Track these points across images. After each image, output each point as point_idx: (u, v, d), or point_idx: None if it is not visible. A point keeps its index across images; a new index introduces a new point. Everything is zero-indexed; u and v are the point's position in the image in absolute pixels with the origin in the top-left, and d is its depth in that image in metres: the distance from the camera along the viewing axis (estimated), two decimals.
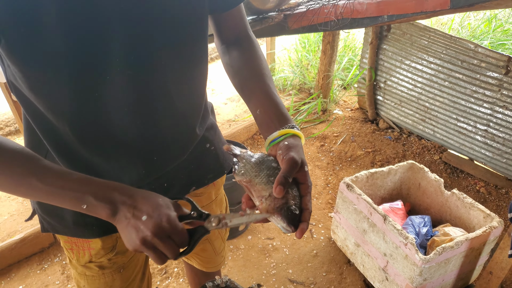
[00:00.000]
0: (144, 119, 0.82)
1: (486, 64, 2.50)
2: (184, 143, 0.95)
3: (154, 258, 0.70)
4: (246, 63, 0.91)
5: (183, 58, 0.82)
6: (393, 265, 1.81)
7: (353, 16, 1.73)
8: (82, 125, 0.78)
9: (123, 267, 1.05)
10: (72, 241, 0.98)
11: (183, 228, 0.72)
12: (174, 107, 0.85)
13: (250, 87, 0.87)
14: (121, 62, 0.72)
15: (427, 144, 3.09)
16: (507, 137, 2.55)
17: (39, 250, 2.24)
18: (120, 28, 0.69)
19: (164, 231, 0.69)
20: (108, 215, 0.70)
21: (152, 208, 0.70)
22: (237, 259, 2.21)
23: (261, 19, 1.92)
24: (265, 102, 0.83)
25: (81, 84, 0.72)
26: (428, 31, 2.74)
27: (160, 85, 0.80)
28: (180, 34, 0.78)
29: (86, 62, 0.69)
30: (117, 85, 0.74)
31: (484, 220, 1.89)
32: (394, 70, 3.10)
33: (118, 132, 0.81)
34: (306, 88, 3.91)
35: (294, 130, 0.78)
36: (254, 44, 0.94)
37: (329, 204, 2.62)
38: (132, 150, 0.85)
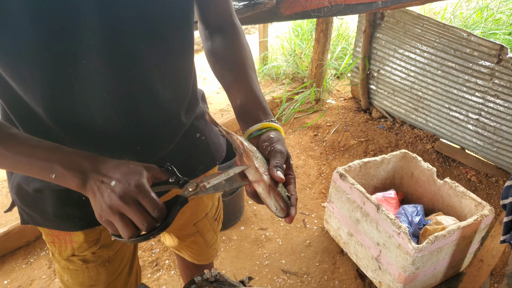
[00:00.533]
0: (125, 107, 0.78)
1: (478, 53, 2.49)
2: (169, 132, 0.91)
3: (122, 226, 0.62)
4: (229, 51, 0.88)
5: (166, 48, 0.79)
6: (386, 255, 1.81)
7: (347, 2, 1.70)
8: (58, 112, 0.75)
9: (109, 260, 1.02)
10: (53, 234, 0.95)
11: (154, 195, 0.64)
12: (157, 94, 0.82)
13: (231, 76, 0.85)
14: (97, 47, 0.69)
15: (420, 134, 3.09)
16: (497, 126, 2.56)
17: (24, 244, 2.20)
18: (94, 13, 0.66)
19: (131, 195, 0.62)
20: (78, 185, 0.66)
21: (121, 174, 0.64)
22: (229, 250, 2.20)
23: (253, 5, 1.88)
24: (247, 93, 0.81)
25: (55, 70, 0.68)
26: (421, 19, 2.72)
27: (141, 72, 0.77)
28: (162, 24, 0.75)
29: (58, 46, 0.66)
30: (93, 71, 0.70)
31: (475, 209, 1.90)
32: (387, 59, 3.08)
33: (97, 119, 0.77)
34: (299, 77, 3.88)
35: (275, 125, 0.78)
36: (238, 31, 0.92)
37: (322, 194, 2.62)
38: (113, 139, 0.82)
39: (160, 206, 0.64)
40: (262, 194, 0.69)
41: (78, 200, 0.87)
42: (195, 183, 0.69)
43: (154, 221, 0.63)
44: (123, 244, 1.05)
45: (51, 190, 0.86)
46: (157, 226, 0.64)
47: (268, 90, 3.69)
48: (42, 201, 0.88)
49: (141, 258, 2.15)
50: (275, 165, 0.70)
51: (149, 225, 0.63)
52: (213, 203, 1.22)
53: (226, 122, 3.12)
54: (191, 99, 0.95)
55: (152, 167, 0.70)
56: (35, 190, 0.86)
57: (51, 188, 0.85)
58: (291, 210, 0.69)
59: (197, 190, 0.69)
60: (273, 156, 0.71)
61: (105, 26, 0.68)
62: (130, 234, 0.63)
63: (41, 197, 0.87)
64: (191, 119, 0.98)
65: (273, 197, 0.68)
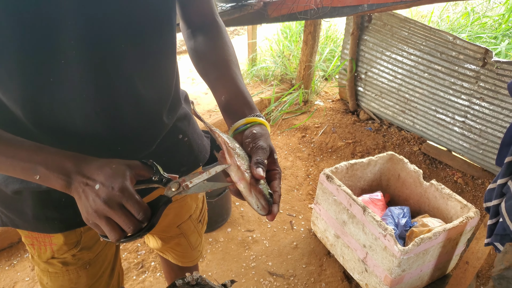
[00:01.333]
0: (105, 107, 0.76)
1: (464, 56, 2.51)
2: (150, 133, 0.90)
3: (108, 230, 0.64)
4: (211, 48, 0.88)
5: (148, 48, 0.78)
6: (372, 257, 1.81)
7: (333, 5, 1.70)
8: (37, 112, 0.73)
9: (89, 263, 1.00)
10: (32, 236, 0.93)
11: (138, 197, 0.65)
12: (138, 94, 0.80)
13: (215, 73, 0.84)
14: (76, 47, 0.67)
15: (407, 135, 3.11)
16: (483, 129, 2.58)
17: (7, 245, 2.16)
18: (74, 13, 0.65)
19: (115, 199, 0.63)
20: (62, 186, 0.66)
21: (105, 176, 0.64)
22: (216, 252, 2.18)
23: (240, 6, 1.87)
24: (231, 89, 0.81)
25: (33, 69, 0.67)
26: (408, 22, 2.74)
27: (121, 72, 0.75)
28: (143, 25, 0.74)
29: (37, 45, 0.64)
30: (73, 71, 0.69)
31: (461, 211, 1.91)
32: (374, 61, 3.10)
33: (76, 120, 0.76)
34: (288, 78, 3.88)
35: (260, 119, 0.77)
36: (220, 29, 0.91)
37: (309, 195, 2.61)
38: (93, 140, 0.80)
39: (144, 208, 0.64)
40: (243, 192, 0.68)
41: (58, 202, 0.86)
42: (177, 182, 0.69)
43: (140, 223, 0.65)
44: (104, 247, 1.03)
45: (30, 192, 0.85)
46: (143, 227, 0.65)
47: (256, 91, 3.68)
48: (21, 203, 0.86)
49: (127, 260, 2.12)
50: (256, 161, 0.69)
51: (135, 227, 0.64)
52: (197, 204, 1.21)
53: (214, 123, 3.10)
54: (173, 100, 0.94)
55: (135, 165, 0.69)
56: (14, 192, 0.84)
57: (30, 190, 0.84)
58: (273, 207, 0.68)
59: (180, 189, 0.69)
60: (255, 153, 0.71)
61: (84, 26, 0.67)
62: (117, 237, 0.64)
63: (20, 198, 0.86)
64: (173, 120, 0.97)
65: (254, 195, 0.67)
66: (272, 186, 0.71)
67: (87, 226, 0.93)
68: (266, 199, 0.67)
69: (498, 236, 1.30)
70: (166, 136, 0.95)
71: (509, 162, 1.30)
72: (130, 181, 0.66)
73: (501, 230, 1.29)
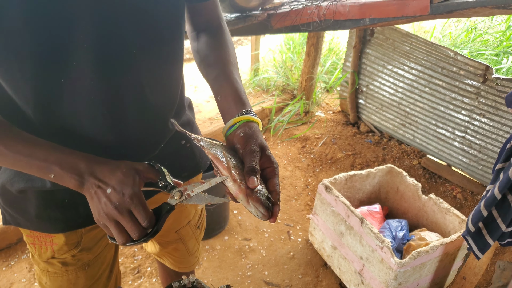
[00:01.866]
0: (112, 110, 0.78)
1: (465, 72, 2.53)
2: (155, 137, 0.91)
3: (116, 233, 0.68)
4: (212, 49, 0.90)
5: (158, 54, 0.80)
6: (369, 269, 1.81)
7: (336, 18, 1.73)
8: (47, 112, 0.75)
9: (88, 264, 1.01)
10: (34, 236, 0.94)
11: (146, 205, 0.69)
12: (145, 99, 0.82)
13: (214, 73, 0.86)
14: (89, 50, 0.69)
15: (407, 149, 3.12)
16: (483, 144, 2.59)
17: (5, 246, 2.16)
18: (88, 17, 0.67)
19: (124, 205, 0.67)
20: (75, 186, 0.70)
21: (116, 181, 0.68)
22: (212, 260, 2.18)
23: (244, 17, 1.90)
24: (226, 88, 0.82)
25: (46, 70, 0.69)
26: (410, 37, 2.77)
27: (131, 76, 0.77)
28: (155, 30, 0.77)
29: (51, 47, 0.66)
30: (84, 73, 0.71)
31: (459, 225, 1.91)
32: (376, 75, 3.12)
33: (83, 121, 0.77)
34: (289, 89, 3.90)
35: (248, 116, 0.77)
36: (223, 31, 0.94)
37: (307, 206, 2.62)
38: (99, 142, 0.81)
39: (150, 215, 0.69)
40: (242, 203, 0.70)
41: (61, 202, 0.87)
42: (180, 191, 0.72)
43: (144, 230, 0.69)
44: (103, 249, 1.05)
45: (34, 192, 0.86)
46: (148, 233, 0.70)
47: (258, 101, 3.70)
48: (24, 202, 0.88)
49: (123, 265, 2.11)
50: (248, 170, 0.69)
51: (140, 234, 0.69)
52: (196, 210, 1.22)
53: (215, 131, 3.12)
54: (178, 106, 0.96)
55: (144, 168, 0.73)
56: (19, 191, 0.86)
57: (34, 190, 0.85)
58: (274, 209, 0.69)
59: (182, 198, 0.72)
60: (245, 159, 0.71)
61: (97, 30, 0.69)
62: (124, 240, 0.69)
63: (24, 198, 0.87)
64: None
65: (252, 205, 0.68)
66: (270, 186, 0.71)
67: (88, 227, 0.95)
68: (265, 206, 0.68)
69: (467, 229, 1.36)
70: (169, 142, 0.96)
71: (499, 169, 1.33)
72: (139, 187, 0.70)
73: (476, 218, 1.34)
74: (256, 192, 0.69)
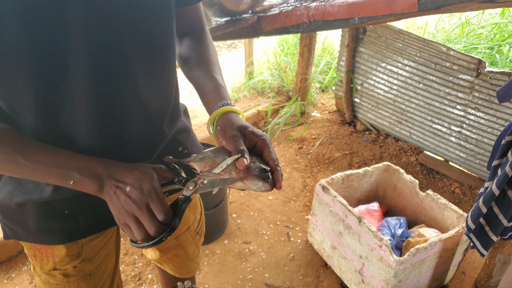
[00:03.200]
0: (110, 114, 0.79)
1: (458, 66, 2.54)
2: (151, 142, 0.92)
3: (135, 228, 0.69)
4: (194, 51, 0.93)
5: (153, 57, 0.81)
6: (368, 267, 1.80)
7: (325, 18, 1.73)
8: (46, 117, 0.76)
9: (90, 274, 1.01)
10: (35, 248, 0.95)
11: (163, 198, 0.70)
12: (141, 103, 0.83)
13: (196, 74, 0.89)
14: (86, 55, 0.70)
15: (404, 146, 3.12)
16: (479, 138, 2.59)
17: (6, 259, 2.16)
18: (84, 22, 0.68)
19: (143, 200, 0.68)
20: (95, 190, 0.71)
21: (135, 179, 0.70)
22: (212, 264, 2.18)
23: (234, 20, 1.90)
24: (207, 86, 0.85)
25: (44, 76, 0.70)
26: (402, 34, 2.77)
27: (128, 80, 0.78)
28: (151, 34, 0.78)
29: (48, 53, 0.68)
30: (82, 78, 0.72)
31: (457, 221, 1.91)
32: (370, 73, 3.12)
33: (82, 125, 0.78)
34: (285, 91, 3.91)
35: (223, 108, 0.79)
36: (205, 33, 0.96)
37: (306, 207, 2.61)
38: (96, 146, 0.82)
39: (166, 208, 0.70)
40: (242, 187, 0.70)
41: (60, 214, 0.88)
42: (194, 181, 0.73)
43: (162, 224, 0.70)
44: (104, 258, 1.05)
45: (33, 204, 0.87)
46: (166, 229, 0.70)
47: (253, 104, 3.70)
48: (24, 215, 0.88)
49: (124, 273, 2.11)
50: (235, 151, 0.70)
51: (157, 229, 0.69)
52: (195, 216, 1.22)
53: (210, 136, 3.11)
54: (173, 110, 0.97)
55: (160, 168, 0.76)
56: (18, 205, 0.86)
57: (33, 202, 0.86)
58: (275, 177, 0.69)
59: (196, 187, 0.72)
60: (229, 146, 0.73)
61: (93, 36, 0.70)
62: (143, 236, 0.69)
63: (24, 211, 0.88)
64: (173, 130, 0.99)
65: (250, 184, 0.69)
66: (265, 156, 0.72)
67: (88, 237, 0.96)
68: (262, 178, 0.68)
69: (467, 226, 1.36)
70: (166, 148, 0.97)
71: (495, 166, 1.33)
72: (157, 182, 0.71)
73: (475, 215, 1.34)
74: (250, 170, 0.69)
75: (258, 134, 0.74)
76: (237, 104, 3.75)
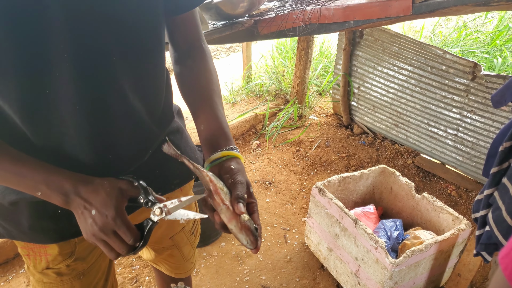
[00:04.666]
0: (97, 117, 0.79)
1: (454, 70, 2.56)
2: (142, 144, 0.92)
3: (106, 251, 0.74)
4: (195, 76, 0.92)
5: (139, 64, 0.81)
6: (364, 269, 1.81)
7: (321, 22, 1.75)
8: (34, 123, 0.76)
9: (83, 273, 1.02)
10: (28, 247, 0.95)
11: (129, 224, 0.73)
12: (129, 106, 0.83)
13: (196, 101, 0.89)
14: (70, 60, 0.70)
15: (400, 149, 3.14)
16: (475, 141, 2.61)
17: (3, 261, 2.16)
18: (66, 27, 0.68)
19: (109, 227, 0.72)
20: (62, 204, 0.74)
21: (100, 203, 0.72)
22: (209, 267, 2.18)
23: (231, 24, 1.92)
24: (210, 120, 0.85)
25: (29, 82, 0.70)
26: (399, 37, 2.79)
27: (113, 83, 0.78)
28: (134, 42, 0.78)
29: (32, 59, 0.67)
30: (67, 83, 0.72)
31: (453, 223, 1.92)
32: (367, 76, 3.14)
33: (70, 129, 0.78)
34: (282, 94, 3.92)
35: (235, 152, 0.81)
36: (206, 56, 0.95)
37: (303, 209, 2.62)
38: (86, 149, 0.82)
39: (134, 234, 0.73)
40: (233, 229, 0.72)
41: (53, 213, 0.88)
42: (160, 208, 0.75)
43: (131, 246, 0.74)
44: (98, 257, 1.05)
45: (26, 203, 0.87)
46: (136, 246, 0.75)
47: (251, 107, 3.72)
48: (17, 214, 0.88)
49: (121, 275, 2.11)
50: (236, 196, 0.73)
51: (127, 250, 0.74)
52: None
53: None
54: (164, 110, 0.96)
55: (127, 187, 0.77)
56: (11, 203, 0.86)
57: (26, 201, 0.86)
58: (258, 242, 0.73)
59: (162, 215, 0.75)
60: (234, 188, 0.75)
61: (76, 39, 0.69)
62: (114, 256, 0.74)
63: (17, 210, 0.88)
64: (165, 130, 0.99)
65: (244, 233, 0.71)
66: (253, 219, 0.75)
67: (81, 237, 0.96)
68: (254, 234, 0.71)
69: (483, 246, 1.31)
70: (158, 150, 0.97)
71: (495, 173, 1.32)
72: (122, 207, 0.74)
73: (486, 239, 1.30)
74: (247, 220, 0.72)
75: (254, 197, 0.78)
76: (235, 107, 3.77)
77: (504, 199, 1.25)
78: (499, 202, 1.27)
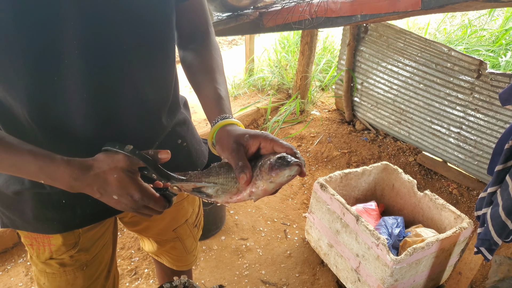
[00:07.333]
0: (105, 106, 0.78)
1: (459, 67, 2.54)
2: (149, 133, 0.91)
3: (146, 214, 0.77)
4: (198, 58, 0.91)
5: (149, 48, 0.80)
6: (365, 266, 1.80)
7: (327, 15, 1.72)
8: (41, 110, 0.75)
9: (86, 264, 1.02)
10: (32, 237, 0.95)
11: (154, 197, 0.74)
12: (138, 94, 0.82)
13: (199, 80, 0.88)
14: (79, 47, 0.69)
15: (403, 146, 3.12)
16: (478, 140, 2.59)
17: (2, 251, 2.16)
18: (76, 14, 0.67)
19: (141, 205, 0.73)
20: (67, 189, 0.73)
21: (116, 188, 0.71)
22: (209, 260, 2.17)
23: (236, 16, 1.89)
24: (208, 95, 0.85)
25: (38, 69, 0.69)
26: (404, 33, 2.77)
27: (122, 71, 0.77)
28: (145, 25, 0.76)
29: (41, 46, 0.67)
30: (76, 70, 0.71)
31: (455, 221, 1.91)
32: (370, 72, 3.12)
33: (77, 118, 0.77)
34: (285, 88, 3.90)
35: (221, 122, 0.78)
36: (210, 38, 0.94)
37: (304, 205, 2.61)
38: (93, 138, 0.81)
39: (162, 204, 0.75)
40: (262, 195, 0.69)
41: (58, 203, 0.88)
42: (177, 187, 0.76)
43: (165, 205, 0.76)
44: (101, 249, 1.06)
45: (30, 193, 0.87)
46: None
47: (253, 101, 3.70)
48: (21, 204, 0.88)
49: (120, 267, 2.11)
50: (236, 168, 0.69)
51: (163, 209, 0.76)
52: (194, 209, 1.22)
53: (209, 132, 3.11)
54: (172, 102, 0.96)
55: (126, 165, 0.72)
56: (15, 193, 0.86)
57: (31, 191, 0.86)
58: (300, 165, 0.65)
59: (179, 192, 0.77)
60: (230, 161, 0.72)
61: (86, 27, 0.69)
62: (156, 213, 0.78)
63: (21, 199, 0.88)
64: (172, 123, 0.98)
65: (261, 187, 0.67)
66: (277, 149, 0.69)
67: (85, 227, 0.97)
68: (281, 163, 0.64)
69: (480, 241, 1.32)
70: (165, 141, 0.96)
71: (499, 171, 1.31)
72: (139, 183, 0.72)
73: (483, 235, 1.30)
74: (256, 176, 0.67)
75: (257, 135, 0.71)
76: (237, 101, 3.74)
77: (503, 195, 1.25)
78: (498, 199, 1.27)
